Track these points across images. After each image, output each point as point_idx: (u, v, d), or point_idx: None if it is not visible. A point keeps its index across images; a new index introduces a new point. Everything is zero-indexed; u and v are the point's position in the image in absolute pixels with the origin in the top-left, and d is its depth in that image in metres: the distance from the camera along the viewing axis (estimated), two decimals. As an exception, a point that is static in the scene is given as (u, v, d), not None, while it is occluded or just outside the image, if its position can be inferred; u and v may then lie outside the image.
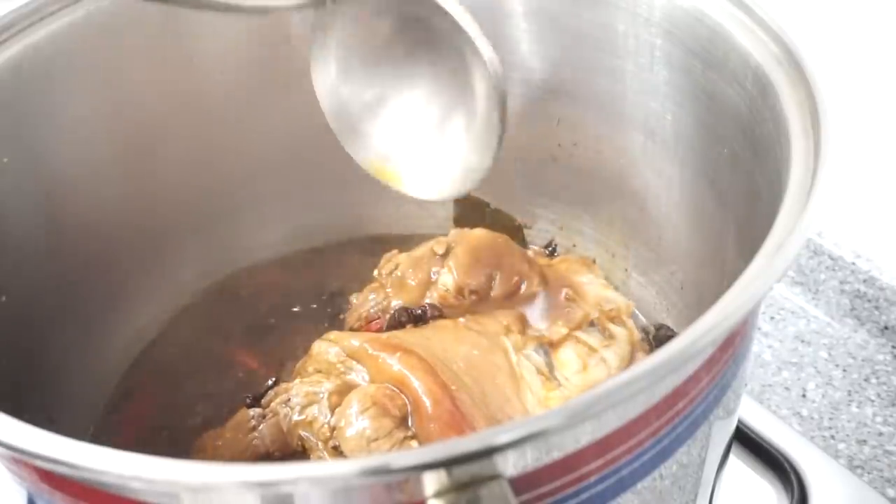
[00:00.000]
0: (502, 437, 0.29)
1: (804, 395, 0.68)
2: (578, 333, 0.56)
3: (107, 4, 0.56)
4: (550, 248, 0.68)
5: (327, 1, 0.49)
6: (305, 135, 0.66)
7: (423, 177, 0.53)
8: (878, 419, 0.65)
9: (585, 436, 0.33)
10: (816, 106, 0.41)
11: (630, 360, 0.56)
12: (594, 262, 0.64)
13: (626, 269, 0.64)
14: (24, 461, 0.34)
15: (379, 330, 0.57)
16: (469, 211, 0.69)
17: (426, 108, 0.52)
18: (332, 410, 0.50)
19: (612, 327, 0.57)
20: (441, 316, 0.57)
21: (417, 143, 0.53)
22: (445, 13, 0.46)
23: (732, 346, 0.38)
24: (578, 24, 0.58)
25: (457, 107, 0.51)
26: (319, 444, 0.50)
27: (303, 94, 0.65)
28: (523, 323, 0.55)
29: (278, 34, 0.62)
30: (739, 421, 0.59)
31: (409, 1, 0.48)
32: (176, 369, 0.61)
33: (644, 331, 0.60)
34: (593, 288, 0.59)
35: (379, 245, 0.65)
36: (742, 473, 0.61)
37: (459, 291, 0.57)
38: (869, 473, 0.62)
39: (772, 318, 0.73)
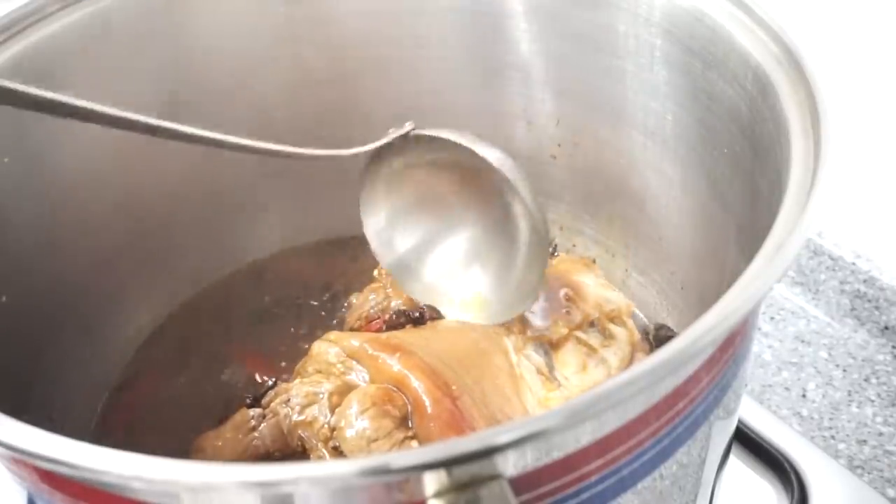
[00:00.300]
0: (502, 437, 0.29)
1: (804, 395, 0.68)
2: (578, 333, 0.56)
3: (107, 4, 0.56)
4: (550, 248, 0.68)
5: (372, 153, 0.53)
6: (306, 135, 0.66)
7: (475, 305, 0.56)
8: (878, 419, 0.65)
9: (585, 436, 0.33)
10: (816, 106, 0.41)
11: (630, 361, 0.56)
12: (594, 262, 0.64)
13: (626, 269, 0.64)
14: (24, 461, 0.34)
15: (379, 330, 0.57)
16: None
17: (472, 244, 0.56)
18: (332, 410, 0.50)
19: (612, 327, 0.57)
20: (440, 316, 0.57)
21: (467, 276, 0.57)
22: (484, 160, 0.51)
23: (732, 346, 0.38)
24: (578, 24, 0.58)
25: (501, 236, 0.54)
26: (319, 444, 0.50)
27: (304, 93, 0.65)
28: (523, 323, 0.55)
29: (282, 34, 0.62)
30: (739, 421, 0.59)
31: (444, 150, 0.52)
32: (176, 369, 0.62)
33: (644, 331, 0.60)
34: (593, 288, 0.59)
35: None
36: (742, 473, 0.61)
37: (459, 291, 0.57)
38: (869, 473, 0.62)
39: (772, 318, 0.73)
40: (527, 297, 0.54)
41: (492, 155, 0.51)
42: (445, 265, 0.57)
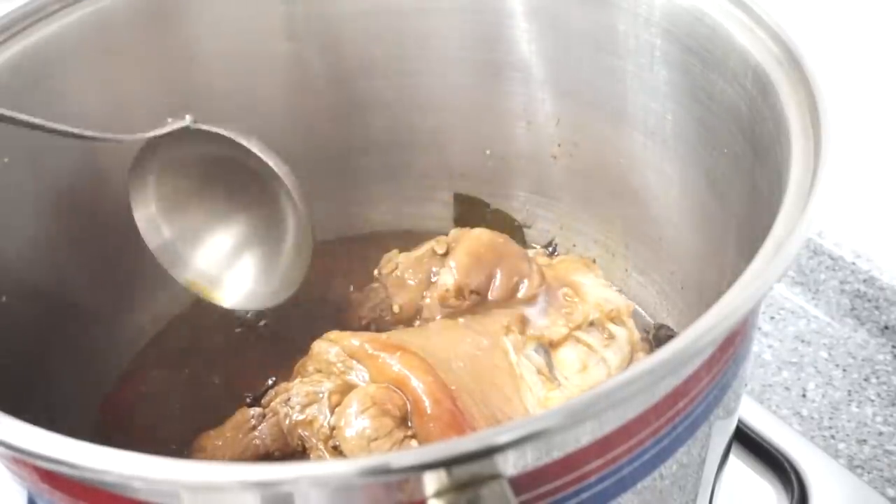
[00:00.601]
0: (502, 437, 0.29)
1: (804, 395, 0.68)
2: (578, 333, 0.56)
3: (107, 4, 0.56)
4: (550, 248, 0.68)
5: (147, 141, 0.54)
6: (305, 134, 0.66)
7: (243, 292, 0.59)
8: (878, 419, 0.65)
9: (585, 435, 0.33)
10: (816, 106, 0.41)
11: (630, 360, 0.56)
12: (594, 262, 0.64)
13: (626, 269, 0.64)
14: (24, 461, 0.34)
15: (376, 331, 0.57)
16: (469, 211, 0.69)
17: (244, 234, 0.59)
18: (332, 410, 0.50)
19: (612, 327, 0.57)
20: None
21: (237, 264, 0.59)
22: (253, 154, 0.53)
23: (732, 345, 0.38)
24: (578, 24, 0.58)
25: (271, 231, 0.58)
26: (319, 443, 0.50)
27: (304, 93, 0.65)
28: (523, 323, 0.55)
29: (282, 34, 0.62)
30: (739, 421, 0.59)
31: (221, 146, 0.53)
32: (176, 369, 0.62)
33: (644, 331, 0.60)
34: (593, 288, 0.59)
35: (379, 245, 0.65)
36: (742, 473, 0.61)
37: (460, 291, 0.57)
38: (869, 473, 0.62)
39: (772, 318, 0.73)
40: (290, 287, 0.57)
41: (270, 159, 0.53)
42: (215, 254, 0.59)
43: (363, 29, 0.63)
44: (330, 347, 0.53)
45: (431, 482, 0.30)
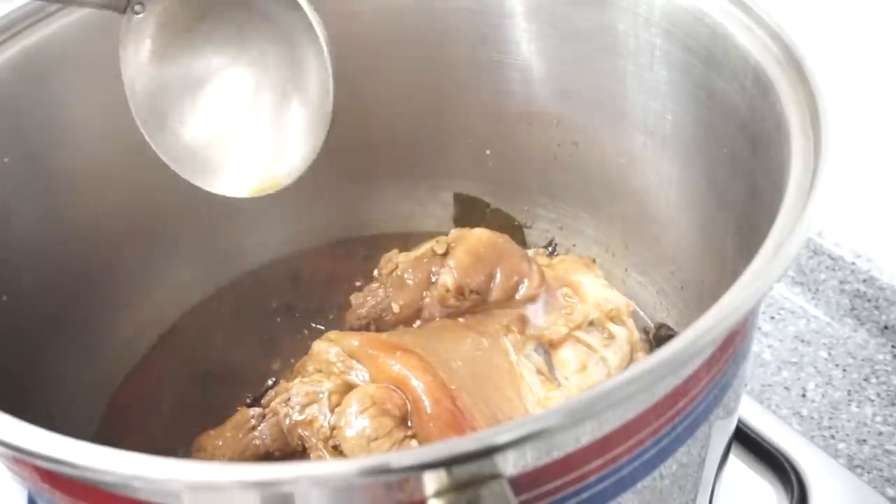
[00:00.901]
0: (502, 437, 0.29)
1: (804, 395, 0.68)
2: (578, 333, 0.56)
3: (107, 4, 0.56)
4: (550, 248, 0.68)
5: None
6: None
7: (237, 173, 0.49)
8: (878, 419, 0.65)
9: (585, 435, 0.33)
10: (816, 106, 0.41)
11: (630, 360, 0.56)
12: (594, 261, 0.64)
13: (626, 269, 0.64)
14: (24, 461, 0.34)
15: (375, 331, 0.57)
16: (469, 211, 0.69)
17: (250, 96, 0.48)
18: (332, 410, 0.50)
19: (612, 327, 0.57)
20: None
21: (236, 135, 0.49)
22: None
23: (732, 345, 0.38)
24: (578, 23, 0.58)
25: (285, 96, 0.47)
26: (319, 443, 0.50)
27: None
28: (523, 323, 0.55)
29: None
30: (739, 421, 0.59)
31: None
32: (177, 369, 0.62)
33: (644, 330, 0.60)
34: (593, 288, 0.59)
35: (379, 245, 0.65)
36: (742, 473, 0.61)
37: (459, 291, 0.57)
38: (869, 473, 0.62)
39: (772, 318, 0.73)
40: (304, 163, 0.48)
41: None
42: (214, 123, 0.49)
43: (364, 29, 0.63)
44: (330, 347, 0.53)
45: (431, 482, 0.30)
